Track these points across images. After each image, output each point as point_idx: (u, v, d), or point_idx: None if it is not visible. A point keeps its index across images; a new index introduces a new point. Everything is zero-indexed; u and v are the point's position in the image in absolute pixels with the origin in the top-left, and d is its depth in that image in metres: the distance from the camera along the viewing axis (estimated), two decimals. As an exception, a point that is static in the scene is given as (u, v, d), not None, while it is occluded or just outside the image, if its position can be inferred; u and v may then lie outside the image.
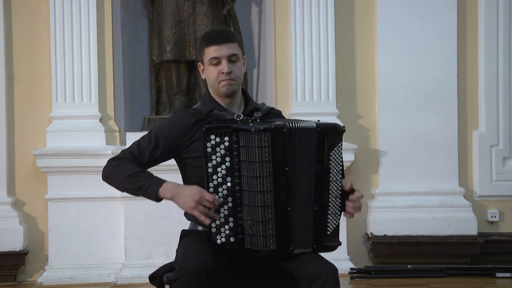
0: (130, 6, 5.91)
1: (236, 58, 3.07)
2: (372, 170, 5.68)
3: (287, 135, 2.89)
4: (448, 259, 5.52)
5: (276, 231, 2.86)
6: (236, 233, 2.89)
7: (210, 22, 5.62)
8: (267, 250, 2.87)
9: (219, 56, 3.04)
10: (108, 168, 3.09)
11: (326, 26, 5.61)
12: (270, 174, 2.85)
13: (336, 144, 2.97)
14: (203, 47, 3.09)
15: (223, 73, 3.04)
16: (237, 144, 2.87)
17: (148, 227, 5.39)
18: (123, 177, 3.03)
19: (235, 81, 3.07)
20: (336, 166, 2.97)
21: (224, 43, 3.05)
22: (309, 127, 2.94)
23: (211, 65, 3.07)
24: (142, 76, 5.99)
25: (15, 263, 5.48)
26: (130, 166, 3.04)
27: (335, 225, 2.99)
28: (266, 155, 2.85)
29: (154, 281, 3.11)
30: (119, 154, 3.11)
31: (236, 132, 2.87)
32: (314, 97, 5.60)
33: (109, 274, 5.40)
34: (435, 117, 5.64)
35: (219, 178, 2.89)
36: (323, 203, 2.95)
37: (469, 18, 5.73)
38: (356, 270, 5.41)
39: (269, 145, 2.85)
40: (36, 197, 5.55)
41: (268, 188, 2.85)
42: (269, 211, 2.85)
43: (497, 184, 5.73)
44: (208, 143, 2.89)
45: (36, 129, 5.58)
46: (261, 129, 2.85)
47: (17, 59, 5.60)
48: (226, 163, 2.88)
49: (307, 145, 2.93)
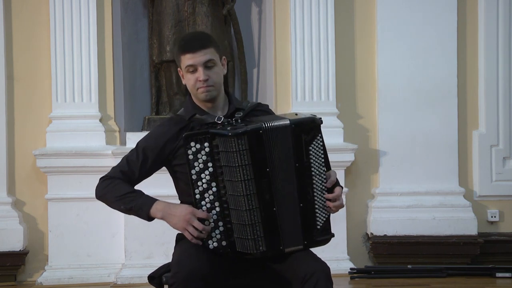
0: (130, 6, 5.92)
1: (213, 63, 3.03)
2: (372, 170, 5.68)
3: (264, 136, 2.88)
4: (448, 259, 5.52)
5: (264, 232, 2.87)
6: (227, 237, 2.90)
7: (210, 22, 5.62)
8: (257, 252, 2.88)
9: (195, 63, 3.02)
10: (100, 188, 3.11)
11: (326, 26, 5.61)
12: (252, 177, 2.85)
13: (314, 138, 2.95)
14: (179, 54, 3.07)
15: (200, 81, 3.02)
16: (217, 149, 2.87)
17: (148, 227, 5.34)
18: (115, 198, 3.05)
19: (213, 86, 3.04)
20: (318, 160, 2.96)
21: (199, 50, 3.01)
22: (283, 125, 2.91)
23: (188, 73, 3.04)
24: (142, 76, 5.99)
25: (15, 263, 5.48)
26: (121, 186, 3.05)
27: (324, 218, 2.98)
28: (245, 159, 2.84)
29: (153, 281, 3.12)
30: (110, 173, 3.12)
31: (215, 137, 2.87)
32: (314, 97, 5.60)
33: (109, 274, 5.40)
34: (435, 117, 5.64)
35: (204, 184, 2.89)
36: (308, 199, 2.94)
37: (469, 18, 5.73)
38: (356, 270, 5.41)
39: (247, 148, 2.84)
40: (36, 197, 5.55)
41: (251, 191, 2.86)
42: (255, 214, 2.86)
43: (497, 184, 5.73)
44: (189, 151, 2.89)
45: (36, 129, 5.58)
46: (238, 132, 2.84)
47: (17, 59, 5.60)
48: (209, 168, 2.88)
49: (283, 143, 2.91)
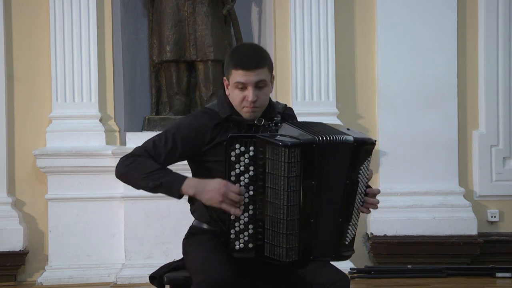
0: (130, 6, 5.91)
1: (264, 84, 2.94)
2: (372, 170, 5.67)
3: (317, 150, 2.80)
4: (448, 259, 5.52)
5: (299, 243, 2.83)
6: (255, 240, 2.85)
7: (210, 22, 5.62)
8: (288, 261, 2.84)
9: (246, 82, 2.92)
10: (123, 166, 2.96)
11: (326, 26, 5.61)
12: (297, 189, 2.79)
13: (367, 157, 2.93)
14: (231, 67, 2.94)
15: (247, 101, 2.93)
16: (263, 155, 2.79)
17: (148, 227, 5.39)
18: (142, 175, 2.91)
19: (259, 108, 2.97)
20: (364, 179, 2.94)
21: (254, 69, 2.91)
22: (345, 141, 2.84)
23: (236, 88, 2.95)
24: (142, 76, 5.99)
25: (15, 263, 5.48)
26: (148, 163, 2.93)
27: (353, 235, 2.97)
28: (294, 170, 2.77)
29: (154, 281, 3.11)
30: (134, 151, 2.99)
31: (263, 143, 2.80)
32: (314, 97, 5.60)
33: (109, 274, 5.40)
34: (435, 117, 5.64)
35: (242, 187, 2.83)
36: (347, 215, 2.91)
37: (469, 18, 5.73)
38: (356, 270, 5.41)
39: (298, 160, 2.77)
40: (36, 197, 5.55)
41: (294, 203, 2.79)
42: (293, 224, 2.81)
43: (497, 184, 5.73)
44: (232, 152, 2.81)
45: (36, 129, 5.58)
46: (289, 144, 2.75)
47: (17, 59, 5.60)
48: (249, 172, 2.82)
49: (341, 159, 2.85)
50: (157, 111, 5.90)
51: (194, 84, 5.87)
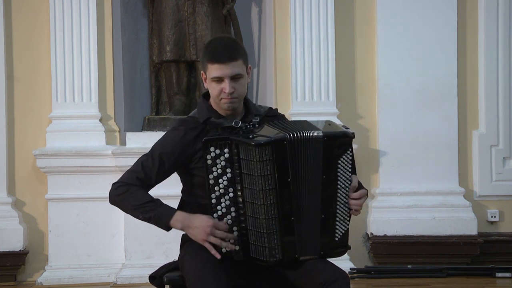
0: (130, 6, 5.91)
1: (240, 76, 2.98)
2: (372, 170, 5.68)
3: (289, 147, 2.82)
4: (448, 259, 5.52)
5: (281, 241, 2.84)
6: (241, 242, 2.87)
7: (210, 22, 5.62)
8: (272, 260, 2.85)
9: (222, 75, 2.95)
10: (115, 194, 3.05)
11: (326, 26, 5.61)
12: (273, 187, 2.81)
13: (345, 152, 2.91)
14: (206, 62, 2.99)
15: (225, 93, 2.97)
16: (238, 156, 2.83)
17: (148, 227, 5.27)
18: (133, 207, 3.00)
19: (237, 98, 3.00)
20: (345, 173, 2.92)
21: (228, 62, 2.94)
22: (315, 137, 2.87)
23: (213, 82, 2.98)
24: (142, 76, 5.99)
25: (15, 263, 5.48)
26: (139, 194, 3.00)
27: (343, 231, 2.96)
28: (268, 169, 2.80)
29: (154, 281, 3.12)
30: (125, 178, 3.05)
31: (236, 144, 2.83)
32: (314, 97, 5.60)
33: (109, 274, 5.40)
34: (435, 117, 5.64)
35: (221, 189, 2.86)
36: (330, 211, 2.91)
37: (469, 18, 5.73)
38: (356, 270, 5.41)
39: (270, 159, 2.79)
40: (36, 197, 5.55)
41: (271, 201, 2.82)
42: (273, 223, 2.83)
43: (497, 184, 5.73)
44: (208, 155, 2.84)
45: (36, 129, 5.58)
46: (261, 143, 2.79)
47: (17, 59, 5.60)
48: (227, 174, 2.85)
49: (313, 155, 2.87)
50: (157, 111, 5.90)
51: (194, 84, 5.87)
